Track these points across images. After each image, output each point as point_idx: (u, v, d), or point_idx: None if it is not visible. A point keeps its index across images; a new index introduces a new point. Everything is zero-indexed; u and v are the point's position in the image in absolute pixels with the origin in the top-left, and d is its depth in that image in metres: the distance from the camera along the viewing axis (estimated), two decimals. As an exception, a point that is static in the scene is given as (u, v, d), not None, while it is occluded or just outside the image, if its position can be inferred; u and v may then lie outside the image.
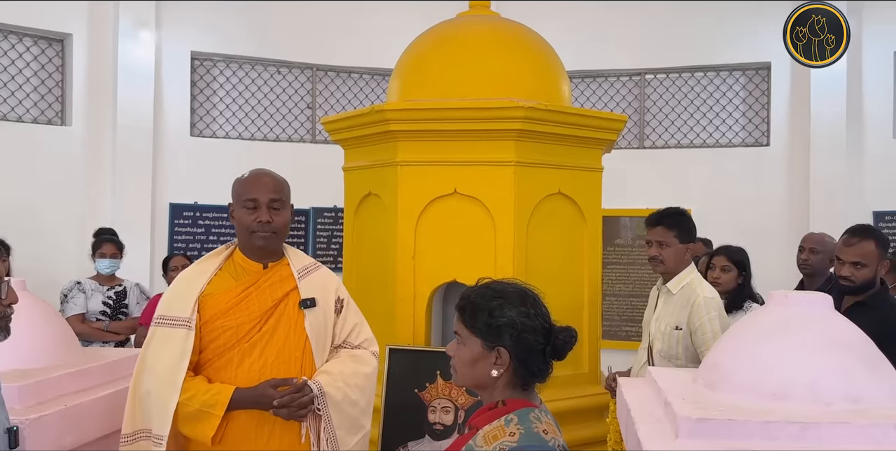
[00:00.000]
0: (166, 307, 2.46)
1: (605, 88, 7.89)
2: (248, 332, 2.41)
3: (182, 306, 2.42)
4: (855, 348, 1.97)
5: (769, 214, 7.05)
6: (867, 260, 3.04)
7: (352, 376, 2.51)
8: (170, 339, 2.38)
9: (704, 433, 1.77)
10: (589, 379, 3.80)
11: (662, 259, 3.29)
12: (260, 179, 2.50)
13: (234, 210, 2.52)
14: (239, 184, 2.52)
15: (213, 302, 2.42)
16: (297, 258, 2.59)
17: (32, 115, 6.66)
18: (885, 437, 1.74)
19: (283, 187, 2.53)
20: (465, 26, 4.09)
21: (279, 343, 2.42)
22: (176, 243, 7.01)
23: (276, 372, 2.39)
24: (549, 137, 3.64)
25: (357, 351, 2.59)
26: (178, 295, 2.47)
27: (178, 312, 2.41)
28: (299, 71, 7.77)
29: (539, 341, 1.67)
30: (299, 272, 2.52)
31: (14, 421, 2.10)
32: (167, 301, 2.48)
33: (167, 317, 2.43)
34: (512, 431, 1.62)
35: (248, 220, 2.45)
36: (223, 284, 2.47)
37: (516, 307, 1.68)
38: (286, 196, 2.52)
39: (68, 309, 4.82)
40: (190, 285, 2.46)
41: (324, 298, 2.53)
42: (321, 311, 2.51)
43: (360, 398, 2.53)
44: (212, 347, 2.41)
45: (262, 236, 2.45)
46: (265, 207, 2.44)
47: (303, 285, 2.50)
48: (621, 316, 7.21)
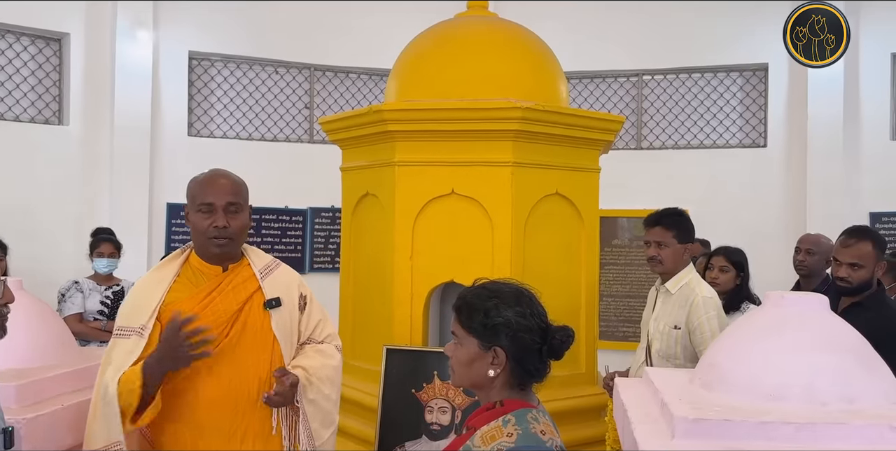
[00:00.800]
0: (125, 319, 2.36)
1: (602, 88, 7.90)
2: (215, 338, 2.29)
3: (139, 315, 2.33)
4: (851, 349, 1.97)
5: (766, 215, 7.07)
6: (864, 261, 3.05)
7: (321, 369, 2.47)
8: (121, 349, 2.30)
9: (701, 433, 1.77)
10: (586, 379, 3.80)
11: (661, 259, 3.30)
12: (216, 180, 2.40)
13: (188, 213, 2.42)
14: (194, 185, 2.42)
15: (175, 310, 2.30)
16: (257, 258, 2.51)
17: (30, 114, 6.66)
18: (880, 437, 1.74)
19: (241, 189, 2.43)
20: (463, 27, 4.09)
21: (248, 346, 2.36)
22: (173, 243, 7.00)
23: (246, 376, 2.34)
24: (547, 138, 3.64)
25: (321, 346, 2.56)
26: (136, 306, 2.37)
27: (134, 321, 2.33)
28: (297, 71, 7.77)
29: (535, 340, 1.67)
30: (261, 272, 2.46)
31: (11, 421, 2.10)
32: (125, 312, 2.39)
33: (124, 328, 2.34)
34: (510, 431, 1.62)
35: (203, 225, 2.35)
36: (184, 290, 2.38)
37: (512, 307, 1.68)
38: (244, 198, 2.43)
39: (66, 309, 4.82)
40: (148, 295, 2.36)
41: (288, 296, 2.47)
42: (286, 310, 2.45)
43: (331, 391, 2.51)
44: None
45: (218, 243, 2.36)
46: (221, 212, 2.35)
47: (266, 284, 2.43)
48: (618, 317, 7.22)
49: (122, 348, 2.31)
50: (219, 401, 2.33)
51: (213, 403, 2.32)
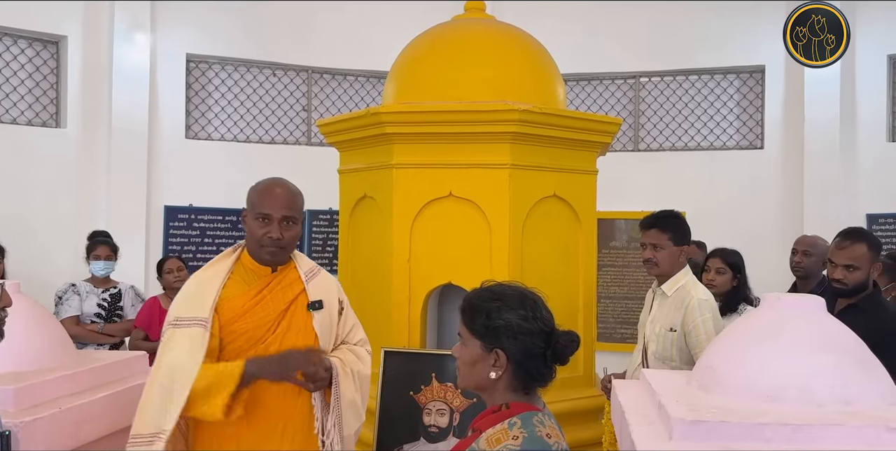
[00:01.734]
0: (182, 309, 2.48)
1: (600, 90, 7.91)
2: (263, 334, 2.48)
3: (198, 307, 2.45)
4: (847, 350, 1.98)
5: (763, 217, 7.07)
6: (859, 263, 3.06)
7: (354, 363, 2.62)
8: (185, 337, 2.41)
9: (698, 434, 1.78)
10: (584, 382, 3.81)
11: (657, 262, 3.30)
12: (274, 191, 2.53)
13: (246, 217, 2.56)
14: (254, 194, 2.55)
15: (230, 306, 2.48)
16: (302, 262, 2.67)
17: (27, 117, 6.66)
18: (877, 438, 1.75)
19: (297, 202, 2.57)
20: (460, 29, 4.10)
21: (291, 344, 2.49)
22: (171, 246, 7.00)
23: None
24: (544, 140, 3.65)
25: (356, 348, 2.71)
26: (193, 298, 2.50)
27: (195, 312, 2.44)
28: (295, 73, 7.77)
29: (538, 344, 1.67)
30: (306, 276, 2.61)
31: (8, 425, 2.10)
32: (182, 304, 2.50)
33: (183, 319, 2.45)
34: (515, 434, 1.62)
35: (259, 233, 2.49)
36: (236, 287, 2.53)
37: (514, 310, 1.69)
38: (298, 211, 2.57)
39: (63, 311, 4.81)
40: (205, 289, 2.50)
41: (328, 300, 2.62)
42: (327, 312, 2.60)
43: (362, 385, 2.63)
44: (228, 349, 2.47)
45: (270, 251, 2.51)
46: (276, 223, 2.49)
47: (310, 287, 2.58)
48: (616, 319, 7.22)
49: (186, 337, 2.39)
50: (262, 395, 2.44)
51: (256, 397, 2.42)
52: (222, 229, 7.24)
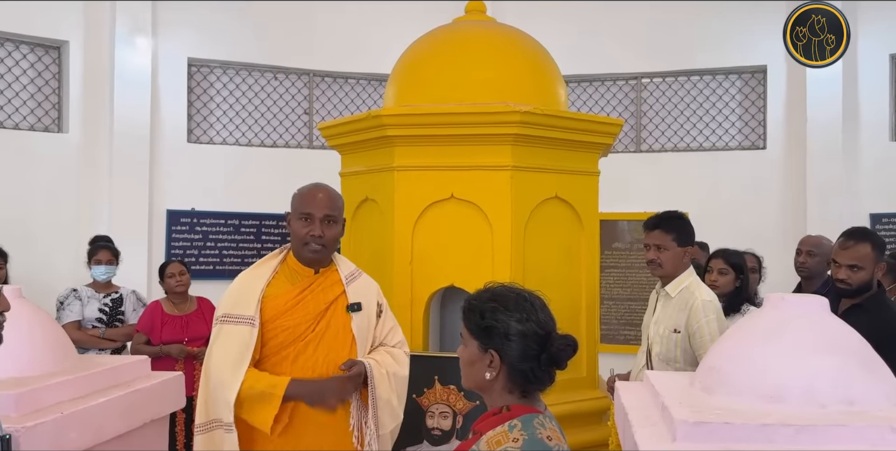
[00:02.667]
0: (231, 306, 2.65)
1: (601, 92, 7.91)
2: (303, 332, 2.63)
3: (245, 305, 2.62)
4: (851, 351, 1.97)
5: (766, 217, 7.06)
6: (863, 263, 3.05)
7: (391, 365, 2.76)
8: (235, 335, 2.59)
9: (701, 436, 1.77)
10: (587, 383, 3.80)
11: (660, 262, 3.29)
12: (316, 194, 2.71)
13: (290, 220, 2.73)
14: (298, 197, 2.73)
15: (273, 304, 2.64)
16: (343, 265, 2.82)
17: (29, 122, 6.67)
18: (881, 439, 1.73)
19: (337, 203, 2.75)
20: (461, 31, 4.10)
21: (329, 343, 2.64)
22: (173, 250, 7.00)
23: (326, 369, 2.62)
24: (546, 142, 3.65)
25: (394, 350, 2.83)
26: (240, 295, 2.67)
27: (243, 310, 2.62)
28: (296, 77, 7.78)
29: (532, 347, 1.67)
30: (346, 278, 2.76)
31: (10, 429, 2.10)
32: (230, 301, 2.67)
33: (232, 315, 2.63)
34: (515, 436, 1.62)
35: (302, 232, 2.66)
36: (280, 286, 2.69)
37: (509, 311, 1.69)
38: (339, 212, 2.74)
39: (64, 316, 4.81)
40: (252, 287, 2.67)
41: (367, 302, 2.77)
42: (365, 314, 2.75)
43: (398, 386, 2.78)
44: (270, 344, 2.62)
45: (313, 249, 2.67)
46: (318, 222, 2.66)
47: (350, 290, 2.73)
48: (620, 320, 7.21)
49: (235, 335, 2.59)
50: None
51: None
52: (224, 233, 7.24)
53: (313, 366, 2.62)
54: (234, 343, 2.58)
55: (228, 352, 2.58)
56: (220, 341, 2.62)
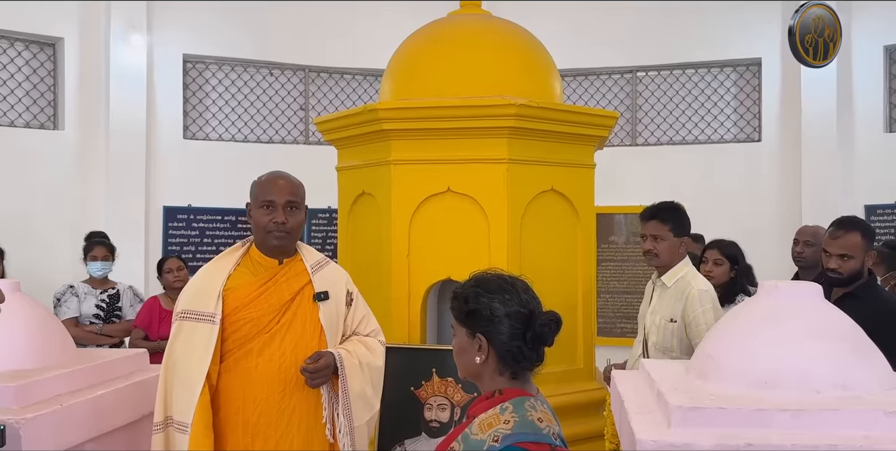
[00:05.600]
0: (190, 302, 2.57)
1: (597, 85, 7.92)
2: (267, 323, 2.55)
3: (206, 301, 2.53)
4: (844, 337, 1.99)
5: (762, 209, 7.08)
6: (853, 252, 3.07)
7: (364, 355, 2.68)
8: (195, 332, 2.51)
9: (696, 421, 1.78)
10: (583, 375, 3.81)
11: (657, 253, 3.30)
12: (276, 181, 2.63)
13: (251, 210, 2.64)
14: (257, 185, 2.65)
15: (234, 296, 2.55)
16: (309, 254, 2.73)
17: (25, 119, 6.66)
18: (875, 423, 1.75)
19: (299, 189, 2.67)
20: (456, 25, 4.10)
21: (296, 334, 2.57)
22: (170, 246, 7.01)
23: (294, 359, 2.53)
24: (541, 135, 3.65)
25: (367, 339, 2.76)
26: (200, 290, 2.58)
27: (203, 307, 2.53)
28: (292, 72, 7.78)
29: (516, 326, 1.70)
30: (312, 267, 2.67)
31: (9, 421, 2.11)
32: (190, 296, 2.59)
33: (191, 312, 2.54)
34: (507, 419, 1.64)
35: (264, 220, 2.58)
36: (242, 278, 2.60)
37: (492, 294, 1.73)
38: (301, 198, 2.66)
39: (61, 313, 4.81)
40: (212, 281, 2.58)
41: (335, 291, 2.68)
42: (333, 303, 2.67)
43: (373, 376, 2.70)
44: (233, 337, 2.54)
45: (277, 236, 2.58)
46: (281, 209, 2.57)
47: (316, 279, 2.64)
48: (616, 313, 7.23)
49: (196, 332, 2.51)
50: (268, 380, 2.52)
51: (263, 382, 2.51)
52: (221, 229, 7.25)
53: (280, 358, 2.54)
54: (194, 342, 2.50)
55: (188, 351, 2.50)
56: (181, 340, 2.53)
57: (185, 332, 2.53)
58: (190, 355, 2.49)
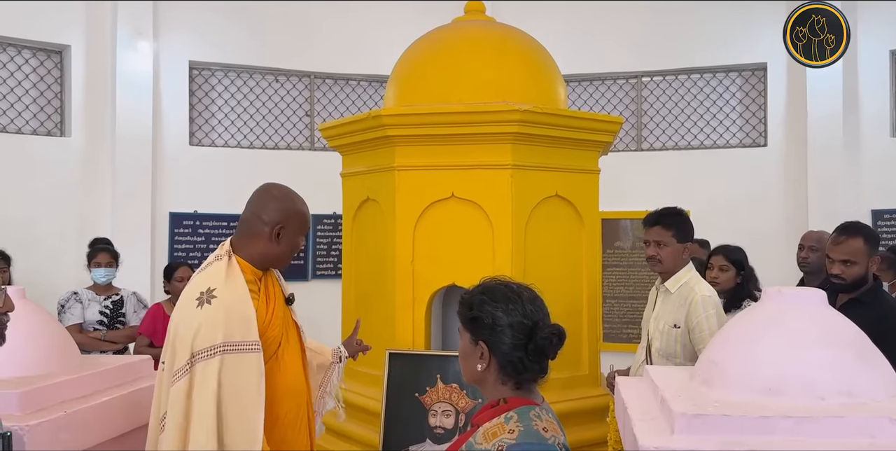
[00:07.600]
0: (229, 335, 2.37)
1: (602, 90, 7.92)
2: (283, 334, 2.58)
3: (246, 330, 2.39)
4: (849, 343, 1.98)
5: (767, 215, 7.06)
6: (856, 257, 3.05)
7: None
8: (243, 363, 2.36)
9: (700, 428, 1.78)
10: (588, 381, 3.80)
11: (660, 259, 3.30)
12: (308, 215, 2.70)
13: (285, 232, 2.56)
14: (298, 215, 2.63)
15: (259, 319, 2.44)
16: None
17: (32, 126, 6.70)
18: (880, 430, 1.74)
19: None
20: (460, 31, 4.11)
21: (294, 340, 2.60)
22: (176, 252, 7.02)
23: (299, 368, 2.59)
24: (546, 140, 3.65)
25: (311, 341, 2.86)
26: (237, 321, 2.40)
27: (246, 336, 2.38)
28: (297, 79, 7.80)
29: (518, 336, 1.69)
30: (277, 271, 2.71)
31: (14, 427, 2.11)
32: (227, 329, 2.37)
33: (234, 343, 2.36)
34: (511, 428, 1.63)
35: (299, 247, 2.64)
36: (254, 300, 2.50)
37: (496, 303, 1.72)
38: None
39: (65, 319, 4.80)
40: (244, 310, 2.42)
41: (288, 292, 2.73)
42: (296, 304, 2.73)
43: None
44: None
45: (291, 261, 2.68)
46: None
47: (282, 282, 2.68)
48: (622, 318, 7.21)
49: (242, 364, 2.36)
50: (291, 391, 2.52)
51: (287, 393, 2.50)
52: (227, 235, 7.20)
53: (294, 367, 2.53)
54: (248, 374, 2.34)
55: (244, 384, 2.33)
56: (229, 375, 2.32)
57: (231, 366, 2.33)
58: (245, 389, 2.33)
